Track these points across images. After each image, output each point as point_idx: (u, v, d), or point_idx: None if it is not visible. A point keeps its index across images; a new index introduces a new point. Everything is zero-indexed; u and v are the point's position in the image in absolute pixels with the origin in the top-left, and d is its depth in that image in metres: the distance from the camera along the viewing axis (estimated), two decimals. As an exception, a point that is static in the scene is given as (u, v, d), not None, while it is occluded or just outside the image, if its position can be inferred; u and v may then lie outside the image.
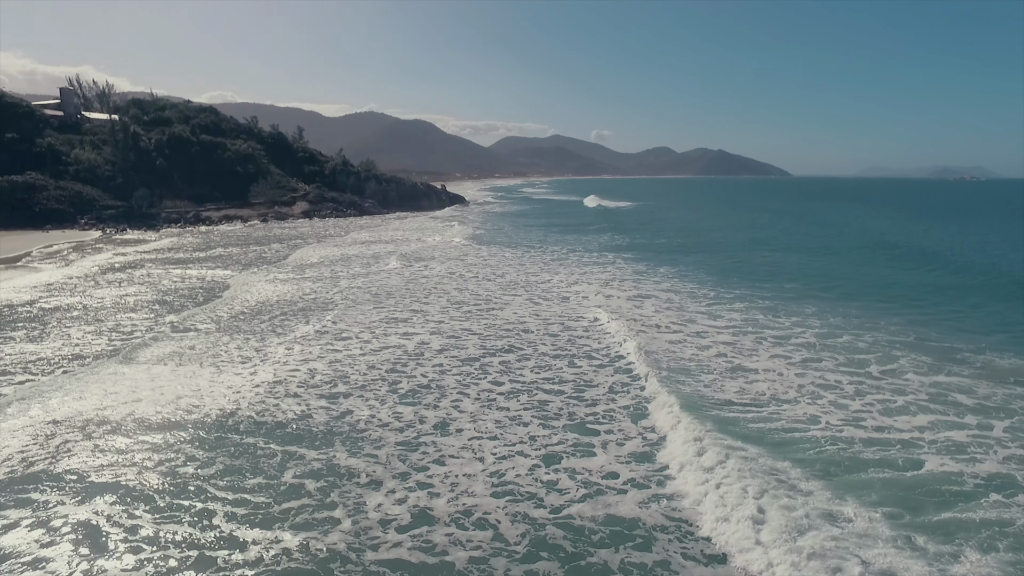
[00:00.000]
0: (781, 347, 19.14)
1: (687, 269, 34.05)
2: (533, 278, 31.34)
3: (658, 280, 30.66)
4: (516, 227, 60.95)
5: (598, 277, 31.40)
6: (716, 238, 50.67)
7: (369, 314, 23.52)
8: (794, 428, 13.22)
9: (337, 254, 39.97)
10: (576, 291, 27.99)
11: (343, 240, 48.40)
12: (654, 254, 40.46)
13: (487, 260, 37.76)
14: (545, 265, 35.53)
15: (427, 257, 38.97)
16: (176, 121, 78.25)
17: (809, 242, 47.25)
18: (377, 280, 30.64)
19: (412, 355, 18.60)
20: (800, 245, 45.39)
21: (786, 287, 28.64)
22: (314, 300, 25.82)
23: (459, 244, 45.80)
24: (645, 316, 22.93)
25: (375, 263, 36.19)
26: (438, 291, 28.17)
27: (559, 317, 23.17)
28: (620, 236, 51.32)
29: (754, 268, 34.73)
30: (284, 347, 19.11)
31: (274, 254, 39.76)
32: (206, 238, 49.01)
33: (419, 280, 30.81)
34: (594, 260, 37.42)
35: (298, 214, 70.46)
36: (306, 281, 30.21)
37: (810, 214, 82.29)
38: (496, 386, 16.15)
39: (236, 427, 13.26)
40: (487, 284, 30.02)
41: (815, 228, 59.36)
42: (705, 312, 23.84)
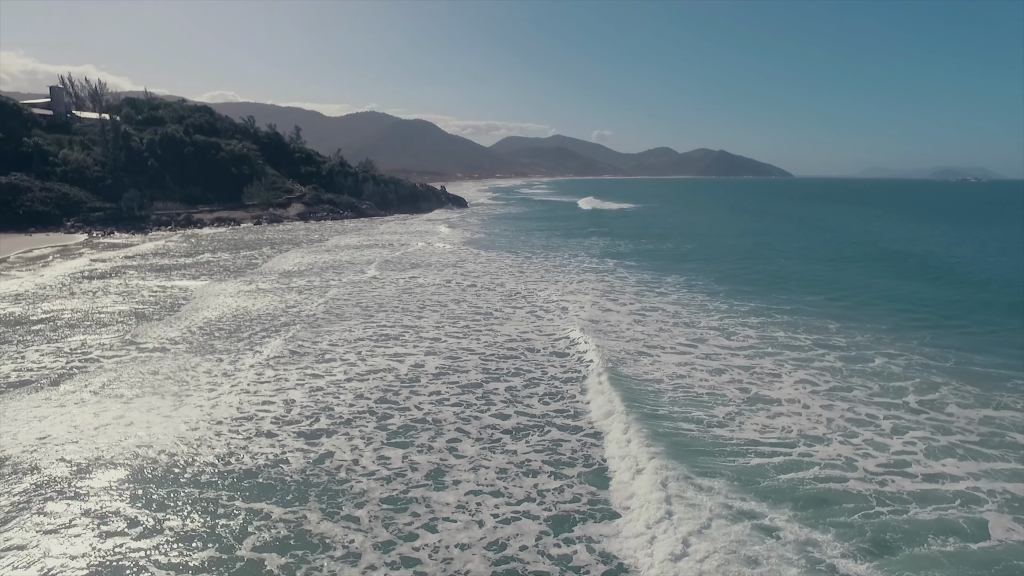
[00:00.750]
0: (804, 370, 17.50)
1: (695, 277, 32.39)
2: (532, 286, 29.67)
3: (664, 291, 29.00)
4: (516, 231, 59.33)
5: (597, 287, 29.68)
6: (724, 244, 48.94)
7: (356, 330, 21.85)
8: (829, 477, 11.58)
9: (328, 260, 38.33)
10: (572, 302, 26.34)
11: (336, 244, 46.77)
12: (660, 261, 38.79)
13: (486, 267, 36.13)
14: (546, 273, 33.86)
15: (423, 264, 37.34)
16: (170, 121, 76.61)
17: (821, 248, 45.43)
18: (367, 290, 28.99)
19: (405, 380, 16.94)
20: (812, 252, 43.62)
21: (805, 299, 26.95)
22: (297, 314, 24.09)
23: (457, 249, 44.19)
24: (648, 335, 21.18)
25: (367, 271, 34.55)
26: (434, 303, 26.53)
27: (562, 332, 21.53)
28: (623, 241, 49.67)
29: (767, 277, 33.05)
30: (256, 371, 17.38)
31: (263, 259, 38.15)
32: (194, 242, 47.38)
33: (413, 290, 29.17)
34: (596, 267, 35.75)
35: (293, 216, 68.84)
36: (291, 292, 28.54)
37: (817, 217, 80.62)
38: (500, 420, 14.46)
39: (193, 478, 11.52)
40: (487, 295, 28.38)
41: (824, 234, 57.64)
42: (717, 328, 22.19)
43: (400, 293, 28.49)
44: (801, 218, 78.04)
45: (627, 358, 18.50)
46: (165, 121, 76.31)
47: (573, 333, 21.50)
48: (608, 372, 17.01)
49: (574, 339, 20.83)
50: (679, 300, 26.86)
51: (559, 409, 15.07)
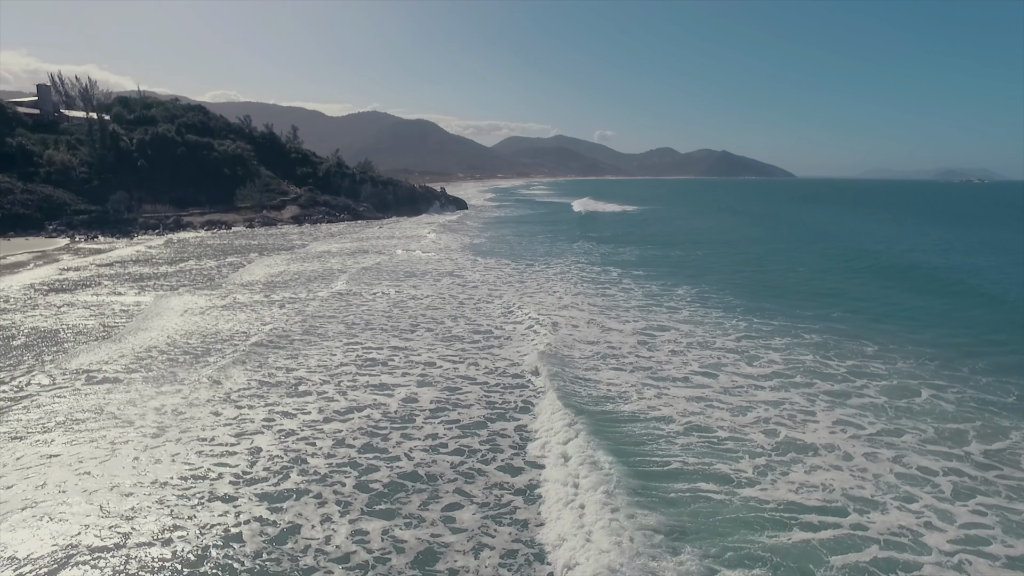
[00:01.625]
0: (841, 407, 15.38)
1: (708, 289, 30.23)
2: (529, 298, 27.52)
3: (675, 305, 26.84)
4: (518, 235, 57.20)
5: (599, 302, 27.53)
6: (735, 251, 46.58)
7: (338, 354, 19.74)
8: (895, 563, 9.47)
9: (316, 268, 36.23)
10: (569, 318, 24.19)
11: (326, 250, 44.66)
12: (667, 269, 36.55)
13: (483, 276, 34.01)
14: (546, 282, 31.71)
15: (418, 273, 35.24)
16: (162, 120, 74.61)
17: (836, 258, 42.60)
18: (355, 304, 26.88)
19: (395, 419, 14.81)
20: (827, 261, 40.98)
21: (831, 316, 24.77)
22: (271, 332, 21.93)
23: (454, 256, 42.08)
24: (657, 363, 18.98)
25: (357, 281, 32.45)
26: (428, 319, 24.42)
27: (572, 358, 19.40)
28: (627, 248, 47.49)
29: (785, 289, 30.79)
30: (216, 408, 15.20)
31: (247, 266, 36.04)
32: (179, 247, 45.32)
33: (406, 304, 27.06)
34: (598, 277, 33.59)
35: (287, 219, 66.80)
36: (268, 307, 26.42)
37: (825, 222, 78.27)
38: (510, 476, 12.33)
39: (119, 569, 9.43)
40: (486, 308, 26.28)
41: (837, 241, 55.20)
42: (736, 351, 20.08)
43: (391, 307, 26.39)
44: (809, 223, 75.76)
45: (631, 392, 16.35)
46: (157, 120, 74.33)
47: (547, 367, 19.38)
48: (588, 427, 14.49)
49: (549, 374, 18.71)
50: (692, 316, 24.71)
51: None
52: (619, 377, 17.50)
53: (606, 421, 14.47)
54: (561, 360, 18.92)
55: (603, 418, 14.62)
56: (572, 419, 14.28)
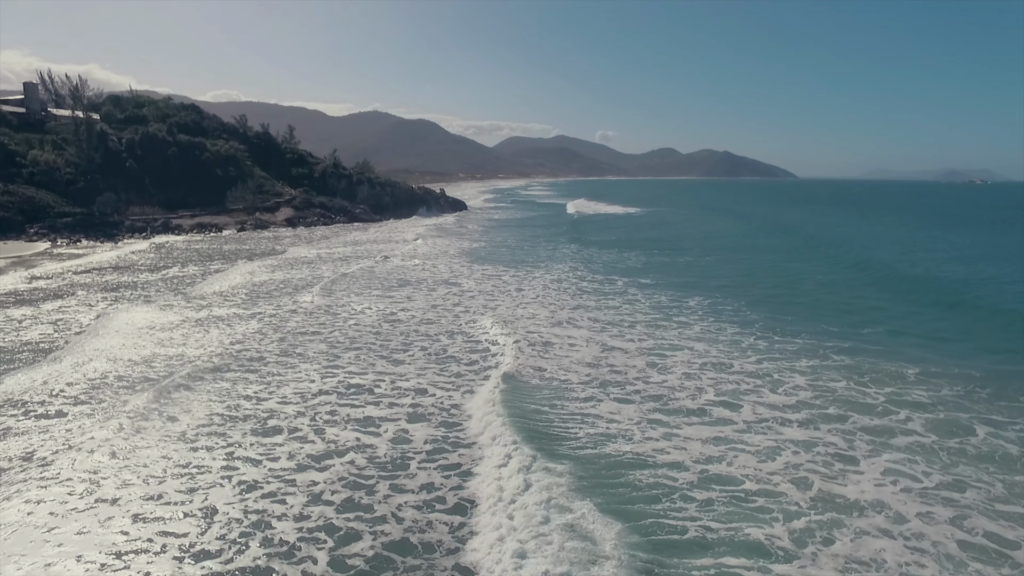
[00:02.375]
0: (887, 451, 13.41)
1: (724, 301, 28.24)
2: (523, 309, 25.55)
3: (686, 319, 24.86)
4: (518, 239, 55.20)
5: (602, 316, 25.50)
6: (745, 259, 44.33)
7: (316, 380, 17.79)
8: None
9: (304, 275, 34.28)
10: (567, 338, 22.21)
11: (318, 254, 42.70)
12: (677, 277, 34.53)
13: (481, 285, 32.05)
14: (544, 291, 29.72)
15: (413, 280, 33.31)
16: (153, 120, 72.77)
17: (854, 265, 39.94)
18: (341, 318, 24.94)
19: (382, 465, 12.90)
20: (846, 270, 38.33)
21: (860, 333, 22.78)
22: (242, 352, 20.00)
23: (451, 262, 40.14)
24: (668, 390, 17.03)
25: (346, 290, 30.52)
26: (420, 335, 22.50)
27: (567, 386, 17.43)
28: (632, 253, 45.46)
29: (807, 301, 28.70)
30: (163, 452, 13.16)
31: (231, 271, 34.10)
32: (165, 252, 43.39)
33: (397, 318, 25.11)
34: (601, 288, 31.61)
35: (281, 222, 64.88)
36: (246, 320, 24.48)
37: (835, 226, 76.16)
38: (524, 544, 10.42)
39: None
40: (482, 322, 24.30)
41: (852, 249, 53.12)
42: (758, 375, 18.15)
43: (379, 321, 24.45)
44: (817, 227, 73.68)
45: (634, 431, 14.38)
46: (149, 120, 72.49)
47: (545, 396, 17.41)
48: (585, 479, 12.79)
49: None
50: (705, 333, 22.75)
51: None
52: (622, 411, 15.52)
53: (607, 468, 12.55)
54: (548, 393, 16.96)
55: (604, 464, 12.69)
56: (565, 480, 12.34)
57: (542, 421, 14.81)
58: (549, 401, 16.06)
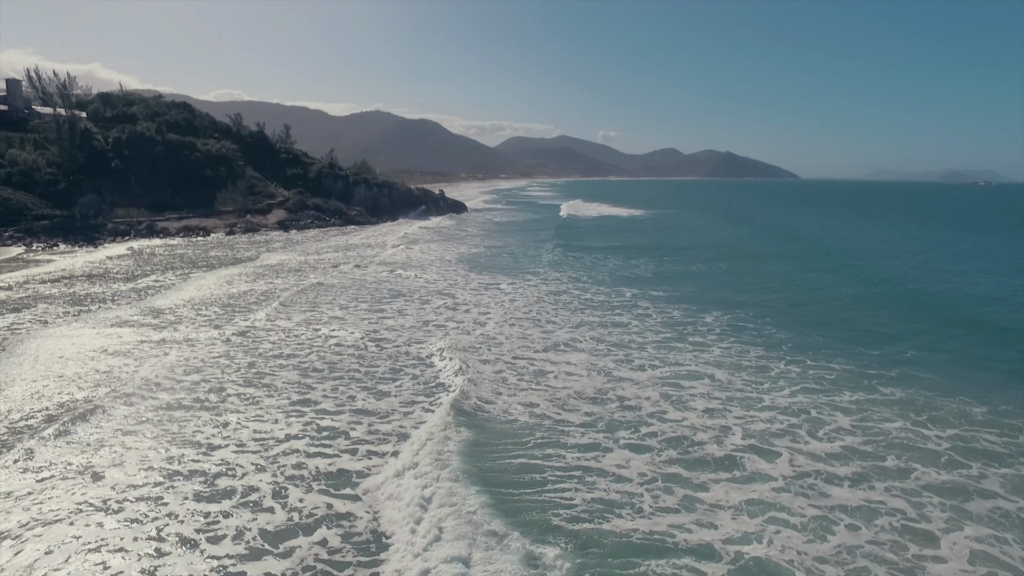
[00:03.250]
0: (968, 522, 10.96)
1: (744, 316, 25.73)
2: (514, 327, 23.07)
3: (704, 340, 22.38)
4: (519, 244, 52.65)
5: (609, 336, 23.05)
6: (762, 267, 41.63)
7: (281, 420, 15.33)
8: None
9: (288, 285, 31.83)
10: (566, 366, 19.75)
11: (304, 262, 40.23)
12: (691, 289, 32.00)
13: (478, 297, 29.58)
14: (541, 304, 27.27)
15: (405, 291, 30.87)
16: (142, 118, 70.38)
17: (880, 279, 35.83)
18: (322, 336, 22.48)
19: (359, 545, 10.45)
20: (872, 284, 34.22)
21: (904, 356, 20.26)
22: (199, 384, 17.52)
23: (449, 269, 37.68)
24: (689, 431, 14.60)
25: (331, 302, 28.09)
26: (411, 358, 20.05)
27: (564, 430, 14.98)
28: (639, 260, 42.94)
29: (835, 318, 26.00)
30: (72, 526, 10.65)
31: (211, 276, 31.68)
32: (145, 257, 40.96)
33: (381, 337, 22.66)
34: (608, 300, 29.15)
35: (272, 224, 62.42)
36: (213, 342, 22.04)
37: (848, 232, 73.61)
38: None
39: None
40: (470, 344, 21.84)
41: (873, 259, 50.71)
42: (793, 412, 15.70)
43: (364, 340, 22.01)
44: (830, 233, 71.09)
45: (644, 497, 11.91)
46: (137, 119, 70.11)
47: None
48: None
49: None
50: (727, 357, 20.27)
51: None
52: (631, 463, 13.10)
53: (610, 554, 10.05)
54: (540, 437, 14.50)
55: (607, 548, 10.20)
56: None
57: (524, 488, 12.33)
58: (541, 450, 13.57)
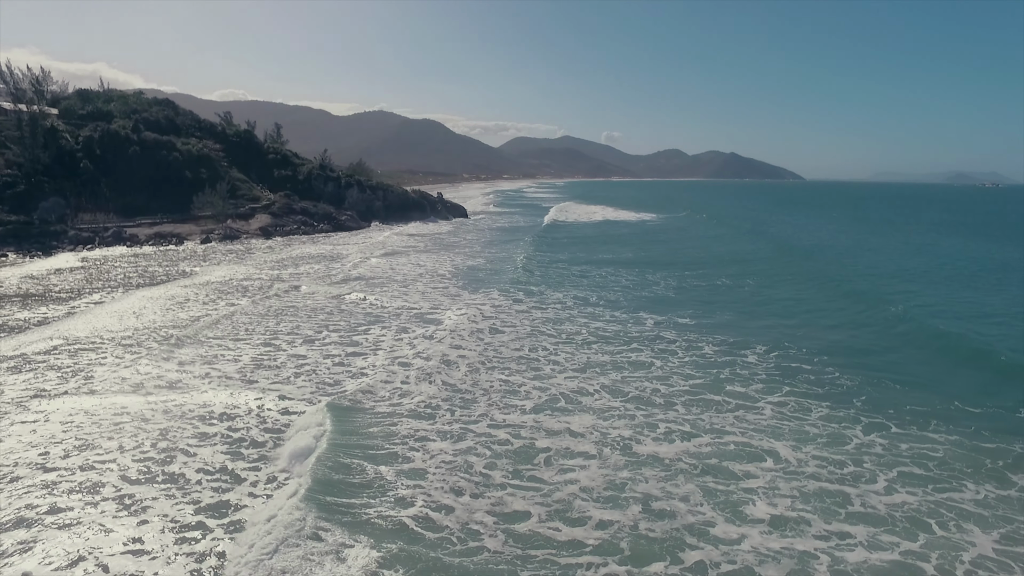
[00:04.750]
0: None
1: (796, 354, 20.86)
2: (499, 373, 18.42)
3: (748, 391, 17.66)
4: (523, 254, 47.99)
5: (624, 384, 18.32)
6: (799, 288, 36.92)
7: (185, 513, 10.70)
8: None
9: (237, 310, 27.22)
10: (566, 433, 15.07)
11: (277, 276, 35.56)
12: (721, 314, 27.03)
13: (472, 324, 24.88)
14: (544, 334, 22.64)
15: (385, 316, 26.24)
16: (119, 116, 65.95)
17: (954, 308, 29.51)
18: (249, 418, 17.85)
19: None
20: (944, 312, 29.11)
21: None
22: (67, 457, 12.99)
23: (437, 287, 33.02)
24: (746, 559, 9.97)
25: (287, 336, 23.47)
26: (393, 415, 15.40)
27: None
28: (657, 275, 38.12)
29: (915, 363, 20.73)
30: None
31: (137, 297, 27.12)
32: (100, 269, 36.32)
33: (345, 393, 18.02)
34: (624, 328, 24.46)
35: (255, 231, 57.81)
36: (135, 393, 17.43)
37: (884, 247, 68.57)
38: None
39: None
40: (428, 403, 17.20)
41: (930, 286, 45.58)
42: (896, 520, 11.06)
43: (258, 405, 17.33)
44: (860, 244, 66.18)
45: None
46: (114, 116, 65.67)
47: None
48: None
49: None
50: (785, 420, 15.53)
51: None
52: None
53: None
54: None
55: None
56: None
57: None
58: None
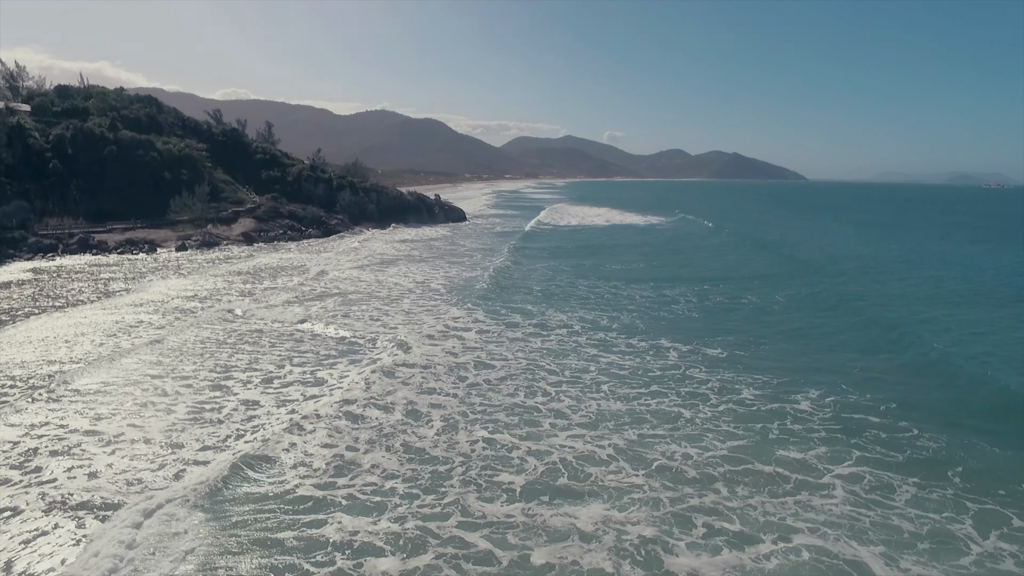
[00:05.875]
0: None
1: (857, 403, 16.94)
2: (500, 439, 14.54)
3: (807, 458, 13.75)
4: (518, 267, 44.03)
5: (646, 448, 14.41)
6: (835, 309, 32.74)
7: None
8: None
9: (175, 345, 23.32)
10: (592, 547, 11.17)
11: (252, 288, 31.65)
12: (761, 344, 23.16)
13: (456, 359, 20.98)
14: (542, 374, 18.73)
15: (363, 343, 22.32)
16: (97, 113, 62.18)
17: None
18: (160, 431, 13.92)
19: None
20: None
21: None
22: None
23: (426, 307, 29.13)
24: None
25: (240, 375, 19.56)
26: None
27: None
28: (675, 290, 34.11)
29: (1011, 415, 17.19)
30: None
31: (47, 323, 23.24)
32: (49, 283, 32.36)
33: (251, 425, 14.11)
34: (645, 363, 20.53)
35: (236, 236, 53.88)
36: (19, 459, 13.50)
37: (916, 258, 64.60)
38: None
39: None
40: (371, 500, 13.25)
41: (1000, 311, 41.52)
42: None
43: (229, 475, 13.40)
44: (880, 251, 62.28)
45: None
46: (90, 113, 61.88)
47: None
48: None
49: None
50: (862, 509, 11.64)
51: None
52: None
53: None
54: None
55: None
56: None
57: None
58: None
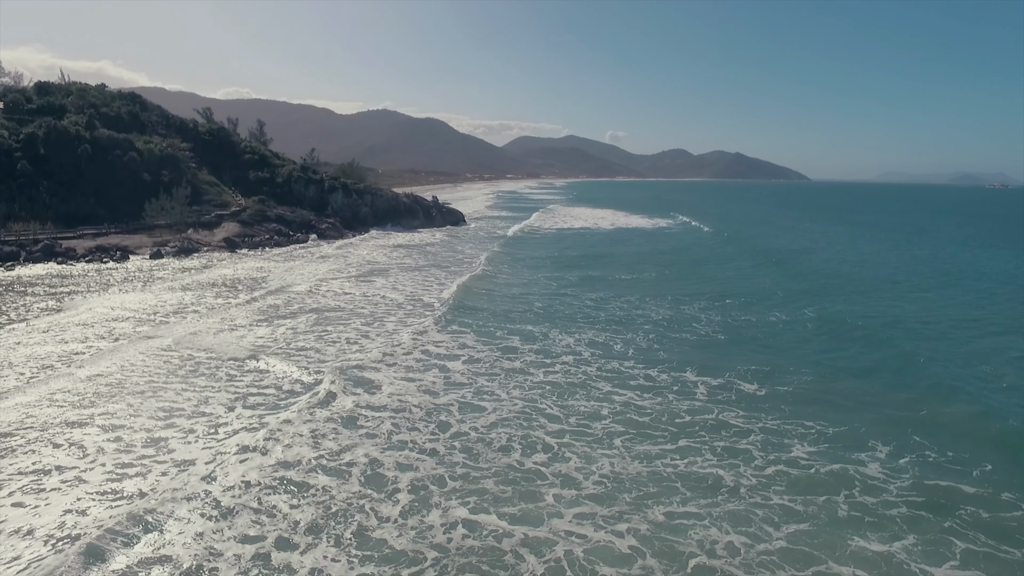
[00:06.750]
0: None
1: (934, 461, 13.62)
2: (481, 524, 11.13)
3: (883, 527, 10.38)
4: (519, 279, 40.52)
5: (692, 543, 10.98)
6: (877, 329, 29.58)
7: None
8: None
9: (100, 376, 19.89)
10: None
11: (214, 303, 28.20)
12: (802, 376, 19.82)
13: (437, 404, 17.56)
14: (540, 421, 15.32)
15: (311, 387, 18.90)
16: (73, 111, 58.78)
17: None
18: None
19: None
20: None
21: None
22: None
23: (414, 322, 25.66)
24: None
25: (200, 422, 16.14)
26: None
27: None
28: (696, 306, 30.59)
29: None
30: None
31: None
32: (4, 298, 29.02)
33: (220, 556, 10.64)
34: (665, 403, 17.13)
35: (219, 242, 50.42)
36: None
37: (955, 269, 60.84)
38: None
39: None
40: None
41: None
42: None
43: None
44: (916, 261, 58.60)
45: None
46: (67, 111, 58.48)
47: None
48: None
49: None
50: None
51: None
52: None
53: None
54: None
55: None
56: None
57: None
58: None
